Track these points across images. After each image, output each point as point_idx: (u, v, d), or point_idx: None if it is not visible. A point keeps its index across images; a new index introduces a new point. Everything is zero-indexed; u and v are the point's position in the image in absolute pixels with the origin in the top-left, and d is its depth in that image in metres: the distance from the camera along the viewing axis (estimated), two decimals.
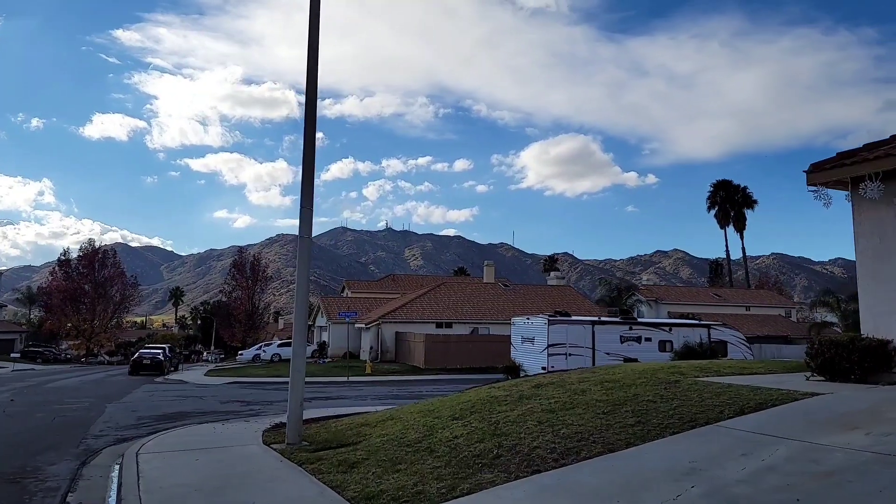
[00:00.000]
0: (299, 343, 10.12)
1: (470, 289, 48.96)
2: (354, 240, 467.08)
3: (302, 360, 10.13)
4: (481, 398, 9.99)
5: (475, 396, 10.36)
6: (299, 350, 10.12)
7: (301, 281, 10.13)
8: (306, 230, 10.13)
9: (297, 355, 10.10)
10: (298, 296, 10.15)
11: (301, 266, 10.16)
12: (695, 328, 23.84)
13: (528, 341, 22.65)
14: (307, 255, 10.16)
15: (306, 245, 10.18)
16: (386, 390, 25.80)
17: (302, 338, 10.14)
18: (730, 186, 78.43)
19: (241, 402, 20.89)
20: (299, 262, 10.16)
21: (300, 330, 10.14)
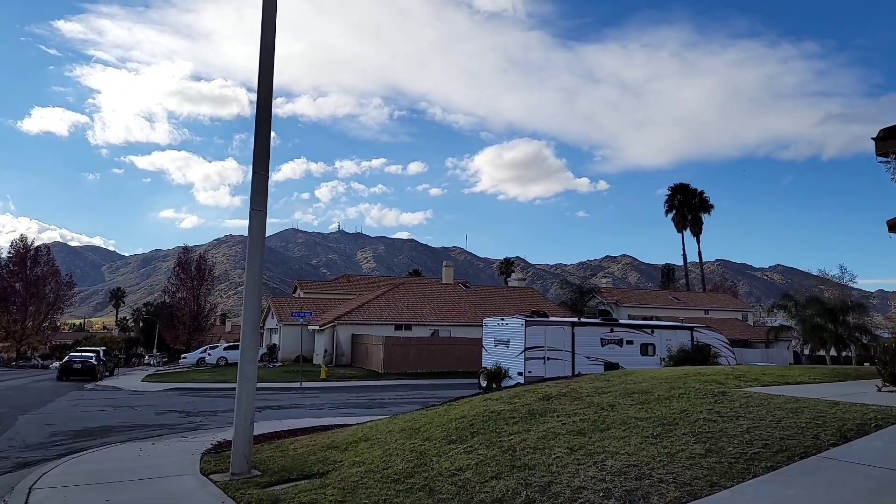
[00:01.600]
0: (249, 345, 8.02)
1: (429, 290, 47.05)
2: (306, 241, 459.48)
3: (252, 365, 8.03)
4: (478, 413, 8.10)
5: (469, 410, 8.46)
6: (249, 354, 8.01)
7: (253, 264, 8.06)
8: (260, 201, 8.07)
9: (246, 360, 7.99)
10: (249, 281, 8.07)
11: (253, 246, 8.08)
12: (677, 331, 22.62)
13: (502, 344, 20.91)
14: (261, 232, 8.11)
15: (260, 220, 8.12)
16: (344, 397, 23.61)
17: (252, 338, 8.04)
18: (687, 190, 78.95)
19: (179, 412, 18.39)
20: (251, 240, 8.09)
21: (251, 329, 8.04)
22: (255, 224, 8.09)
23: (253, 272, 8.10)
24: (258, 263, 8.14)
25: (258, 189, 8.11)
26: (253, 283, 8.08)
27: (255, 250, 8.12)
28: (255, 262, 8.10)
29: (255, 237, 8.07)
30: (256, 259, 8.12)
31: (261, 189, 8.13)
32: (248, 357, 8.00)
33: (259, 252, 8.17)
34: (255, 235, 8.07)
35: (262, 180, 8.18)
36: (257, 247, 8.14)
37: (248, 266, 8.12)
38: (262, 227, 8.18)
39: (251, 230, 8.11)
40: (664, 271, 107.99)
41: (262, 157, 8.18)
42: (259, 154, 8.16)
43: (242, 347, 8.03)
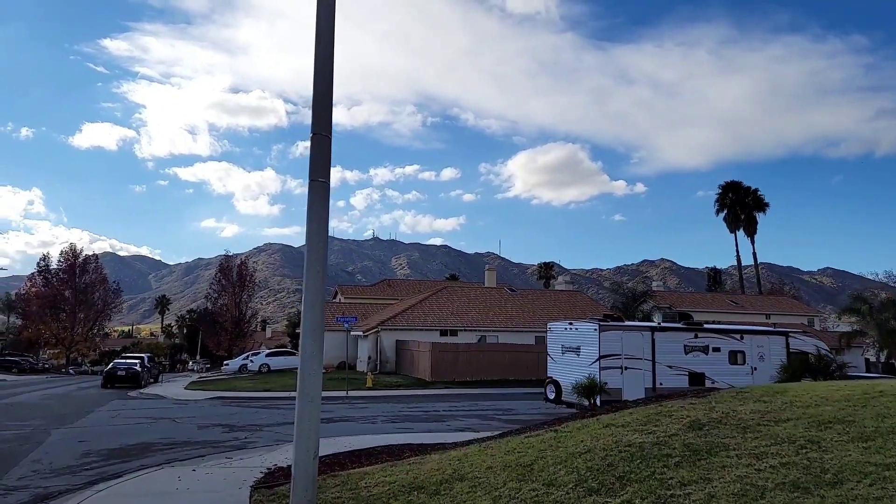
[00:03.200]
0: (312, 354, 6.30)
1: (473, 294, 45.16)
2: (341, 249, 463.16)
3: (316, 381, 6.30)
4: (609, 446, 6.21)
5: (593, 441, 6.58)
6: (312, 366, 6.28)
7: (315, 249, 6.39)
8: (322, 169, 6.41)
9: (309, 374, 6.27)
10: (310, 273, 6.39)
11: (315, 224, 6.40)
12: (770, 336, 20.19)
13: (572, 351, 18.87)
14: (324, 207, 6.45)
15: (323, 194, 6.46)
16: (395, 408, 21.89)
17: (315, 345, 6.32)
18: (740, 188, 75.28)
19: (223, 426, 16.90)
20: (313, 218, 6.44)
21: (313, 333, 6.32)
22: (316, 198, 6.42)
23: (315, 261, 6.39)
24: (321, 248, 6.44)
25: (320, 153, 6.43)
26: (315, 275, 6.38)
27: (318, 231, 6.42)
28: (317, 246, 6.40)
29: (317, 213, 6.38)
30: (319, 243, 6.42)
31: (323, 153, 6.46)
32: (310, 370, 6.26)
33: (322, 233, 6.47)
34: (318, 211, 6.38)
35: (324, 143, 6.50)
36: (319, 226, 6.43)
37: (309, 252, 6.41)
38: (324, 201, 6.50)
39: (312, 206, 6.41)
40: (710, 275, 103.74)
41: (322, 111, 6.50)
42: (319, 107, 6.48)
43: (303, 357, 6.31)
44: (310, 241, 6.43)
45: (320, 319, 6.40)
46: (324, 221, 6.52)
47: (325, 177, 6.57)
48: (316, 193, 6.48)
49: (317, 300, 6.39)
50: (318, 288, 6.39)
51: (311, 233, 6.44)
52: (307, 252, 6.45)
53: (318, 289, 6.39)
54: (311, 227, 6.44)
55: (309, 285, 6.39)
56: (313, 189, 6.50)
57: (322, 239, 6.47)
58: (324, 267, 6.49)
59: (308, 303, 6.38)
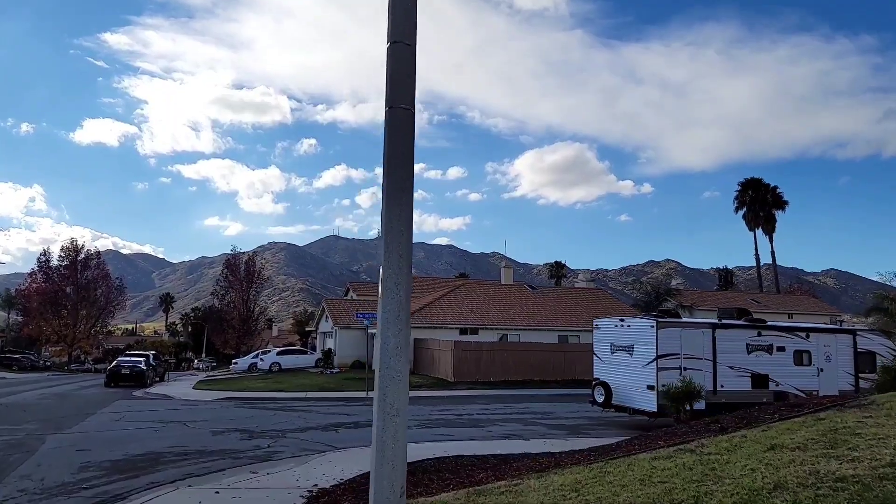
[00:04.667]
0: (395, 345, 4.53)
1: (492, 291, 43.39)
2: (346, 248, 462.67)
3: (402, 387, 4.55)
4: (802, 478, 4.45)
5: (766, 470, 4.82)
6: (396, 364, 4.52)
7: (396, 198, 4.66)
8: (404, 94, 4.68)
9: (391, 376, 4.51)
10: (392, 230, 4.65)
11: (397, 169, 4.67)
12: (837, 335, 18.40)
13: (623, 351, 17.06)
14: (408, 141, 4.71)
15: (405, 122, 4.72)
16: (424, 412, 20.13)
17: (400, 334, 4.56)
18: (759, 185, 73.38)
19: (240, 431, 15.16)
20: (392, 156, 4.69)
21: (397, 316, 4.57)
22: (397, 133, 4.67)
23: (397, 222, 4.64)
24: (404, 202, 4.70)
25: (400, 69, 4.68)
26: (398, 235, 4.62)
27: (401, 178, 4.66)
28: (399, 199, 4.67)
29: (399, 150, 4.63)
30: (402, 195, 4.66)
31: (404, 69, 4.71)
32: (392, 373, 4.50)
33: (406, 181, 4.74)
34: (399, 147, 4.63)
35: (405, 56, 4.75)
36: (403, 171, 4.68)
37: (389, 210, 4.68)
38: (408, 136, 4.74)
39: (393, 142, 4.66)
40: (721, 275, 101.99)
41: (401, 11, 4.77)
42: (397, 7, 4.76)
43: (382, 354, 4.55)
44: (391, 193, 4.68)
45: (405, 302, 4.64)
46: (408, 163, 4.76)
47: (408, 103, 4.81)
48: (397, 126, 4.73)
49: (400, 277, 4.64)
50: (401, 261, 4.64)
51: (392, 181, 4.69)
52: (386, 212, 4.70)
53: (401, 262, 4.64)
54: (393, 170, 4.69)
55: (390, 259, 4.63)
56: (393, 120, 4.75)
57: (406, 189, 4.72)
58: (409, 232, 4.73)
59: (388, 279, 4.62)
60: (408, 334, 4.63)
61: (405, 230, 4.66)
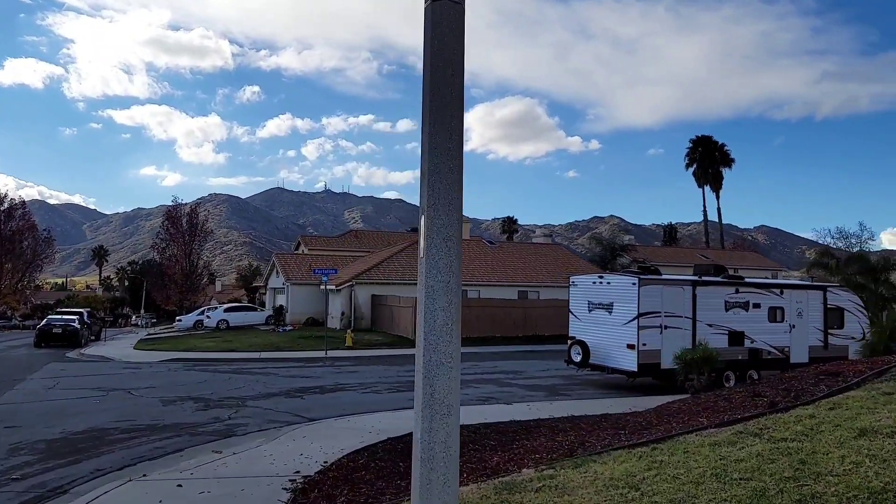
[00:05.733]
0: (444, 322, 3.34)
1: None
2: (292, 201, 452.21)
3: (454, 374, 3.38)
4: None
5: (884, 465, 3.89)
6: (445, 349, 3.33)
7: (443, 118, 3.38)
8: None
9: (436, 363, 3.34)
10: (433, 145, 3.39)
11: (444, 77, 3.38)
12: (808, 291, 18.24)
13: (602, 308, 16.39)
14: (458, 38, 3.44)
15: (451, 18, 3.41)
16: (392, 373, 19.16)
17: (451, 308, 3.36)
18: (709, 143, 74.37)
19: (194, 399, 13.78)
20: (438, 56, 3.39)
21: (447, 280, 3.35)
22: (443, 25, 3.39)
23: (443, 137, 3.40)
24: (451, 120, 3.44)
25: None
26: (445, 171, 3.40)
27: (445, 90, 3.40)
28: (445, 115, 3.40)
29: (443, 53, 3.38)
30: (448, 115, 3.41)
31: None
32: (442, 352, 3.39)
33: (454, 92, 3.45)
34: (445, 49, 3.37)
35: None
36: (448, 82, 3.42)
37: (432, 126, 3.43)
38: (457, 32, 3.45)
39: (435, 43, 3.39)
40: (667, 230, 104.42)
41: None
42: None
43: (427, 326, 3.40)
44: (434, 112, 3.41)
45: (456, 264, 3.44)
46: (457, 73, 3.48)
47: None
48: (442, 24, 3.43)
49: (450, 228, 3.43)
50: (450, 208, 3.41)
51: (436, 97, 3.41)
52: (428, 139, 3.44)
53: (450, 210, 3.42)
54: (437, 82, 3.41)
55: (436, 203, 3.40)
56: (437, 16, 3.45)
57: (453, 105, 3.45)
58: (458, 167, 3.49)
59: (433, 233, 3.40)
60: (459, 306, 3.45)
61: (454, 163, 3.42)
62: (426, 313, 3.37)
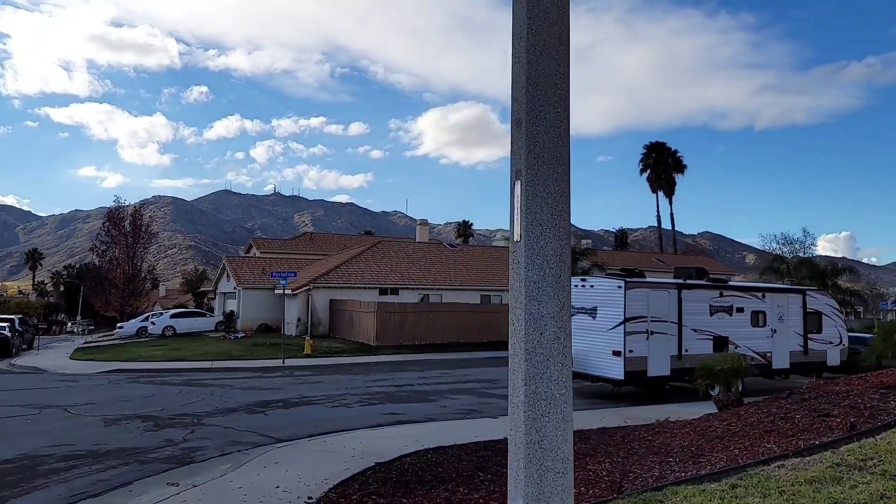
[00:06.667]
0: (555, 334, 2.27)
1: (411, 249, 41.26)
2: (240, 204, 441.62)
3: (568, 401, 2.30)
4: None
5: None
6: (557, 353, 2.28)
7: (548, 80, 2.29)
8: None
9: (547, 368, 2.26)
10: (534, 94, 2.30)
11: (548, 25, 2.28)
12: (788, 294, 17.93)
13: (585, 313, 15.60)
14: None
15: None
16: (358, 383, 17.90)
17: (561, 317, 2.28)
18: (663, 149, 75.59)
19: (142, 417, 12.24)
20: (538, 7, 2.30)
21: (557, 277, 2.26)
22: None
23: (549, 85, 2.30)
24: (556, 61, 2.33)
25: None
26: (553, 119, 2.33)
27: (551, 29, 2.31)
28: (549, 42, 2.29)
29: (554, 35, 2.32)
30: (554, 50, 2.30)
31: None
32: (552, 379, 2.32)
33: (561, 48, 2.36)
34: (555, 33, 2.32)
35: None
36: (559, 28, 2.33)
37: (531, 64, 2.32)
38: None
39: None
40: (618, 236, 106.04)
41: None
42: None
43: (529, 339, 2.38)
44: (534, 13, 2.35)
45: (566, 252, 2.39)
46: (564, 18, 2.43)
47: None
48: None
49: (559, 204, 2.39)
50: (560, 181, 2.37)
51: (532, 49, 2.36)
52: (526, 83, 2.39)
53: (560, 182, 2.37)
54: (541, 32, 2.36)
55: (537, 174, 2.35)
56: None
57: (561, 42, 2.40)
58: (566, 117, 2.43)
59: (535, 210, 2.36)
60: (570, 312, 2.42)
61: (562, 105, 2.39)
62: (528, 322, 2.32)
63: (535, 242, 2.28)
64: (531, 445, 2.28)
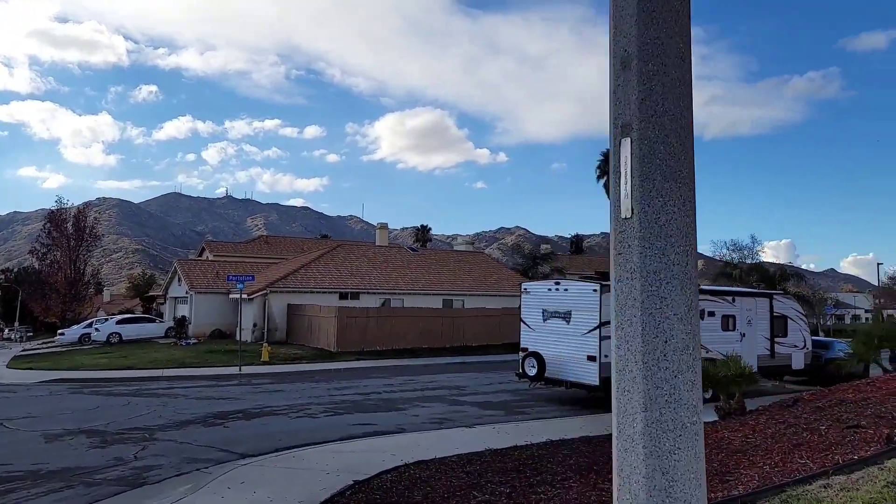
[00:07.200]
0: (682, 313, 1.72)
1: (372, 253, 40.39)
2: (190, 207, 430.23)
3: (699, 432, 1.72)
4: None
5: None
6: (687, 368, 1.72)
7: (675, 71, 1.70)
8: None
9: (676, 390, 1.72)
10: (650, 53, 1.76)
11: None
12: (757, 298, 17.98)
13: (559, 318, 15.21)
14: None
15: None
16: (322, 391, 17.08)
17: (690, 296, 1.73)
18: None
19: (87, 432, 11.20)
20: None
21: (682, 254, 1.69)
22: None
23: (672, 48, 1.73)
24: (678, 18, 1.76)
25: None
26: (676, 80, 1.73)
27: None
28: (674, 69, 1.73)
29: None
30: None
31: None
32: (681, 402, 1.75)
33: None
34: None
35: None
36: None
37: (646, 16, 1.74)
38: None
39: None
40: (573, 242, 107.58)
41: None
42: None
43: (648, 350, 1.83)
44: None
45: (693, 246, 1.84)
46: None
47: None
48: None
49: (682, 157, 1.82)
50: (683, 158, 1.81)
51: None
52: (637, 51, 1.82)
53: (683, 159, 1.82)
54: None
55: (657, 119, 1.79)
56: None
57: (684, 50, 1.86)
58: (689, 81, 1.89)
59: (658, 163, 1.78)
60: (698, 313, 1.89)
61: (684, 47, 1.86)
62: (646, 326, 1.79)
63: (653, 219, 1.75)
64: (655, 494, 1.71)
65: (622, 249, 1.86)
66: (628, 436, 1.79)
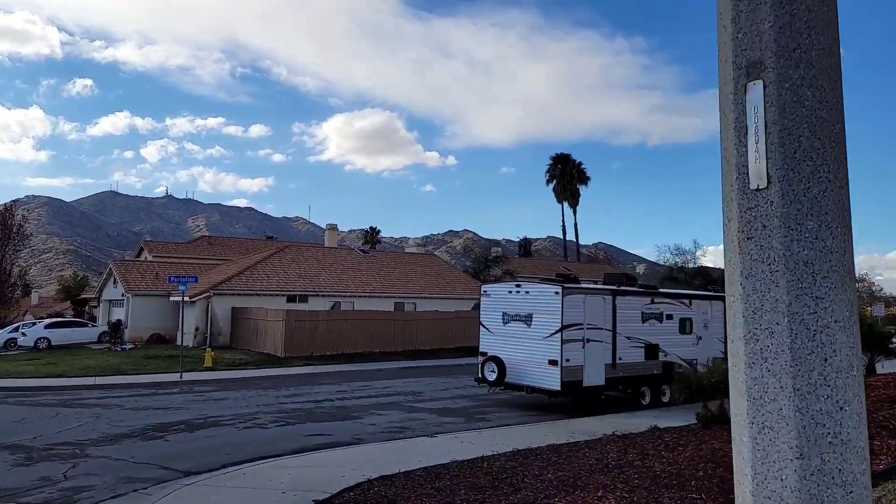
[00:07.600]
0: (841, 313, 1.22)
1: (321, 255, 39.29)
2: (127, 206, 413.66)
3: (865, 455, 1.24)
4: None
5: None
6: (848, 383, 1.21)
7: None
8: None
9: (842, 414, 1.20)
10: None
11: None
12: (712, 301, 18.10)
13: (519, 321, 14.84)
14: None
15: None
16: (270, 399, 16.20)
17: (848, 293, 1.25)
18: (568, 161, 77.87)
19: (11, 448, 10.10)
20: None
21: (840, 245, 1.21)
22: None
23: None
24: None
25: None
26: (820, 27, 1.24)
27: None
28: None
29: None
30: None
31: None
32: (845, 388, 1.24)
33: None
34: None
35: None
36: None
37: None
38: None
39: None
40: (522, 245, 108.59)
41: None
42: None
43: (799, 361, 1.34)
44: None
45: (849, 237, 1.37)
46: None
47: None
48: None
49: (833, 111, 1.35)
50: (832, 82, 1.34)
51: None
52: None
53: (836, 134, 1.34)
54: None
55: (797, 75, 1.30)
56: None
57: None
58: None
59: (807, 120, 1.31)
60: (858, 318, 1.43)
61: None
62: (796, 336, 1.44)
63: (802, 189, 1.28)
64: None
65: (753, 232, 1.38)
66: (773, 492, 1.30)
